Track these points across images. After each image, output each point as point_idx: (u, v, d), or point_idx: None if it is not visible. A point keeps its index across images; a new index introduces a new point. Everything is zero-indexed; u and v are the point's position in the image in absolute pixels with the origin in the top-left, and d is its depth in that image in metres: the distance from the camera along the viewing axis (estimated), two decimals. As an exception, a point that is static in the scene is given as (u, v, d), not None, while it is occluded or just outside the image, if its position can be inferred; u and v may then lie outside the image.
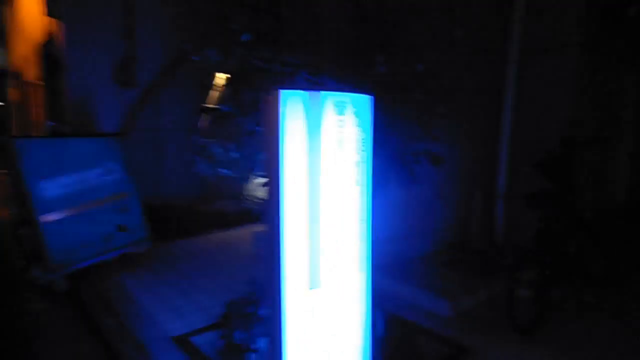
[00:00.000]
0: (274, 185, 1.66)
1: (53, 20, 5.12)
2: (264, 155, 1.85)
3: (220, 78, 3.01)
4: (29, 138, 4.67)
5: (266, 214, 1.72)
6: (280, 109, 1.60)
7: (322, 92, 1.71)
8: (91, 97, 5.21)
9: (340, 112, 1.75)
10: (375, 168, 1.94)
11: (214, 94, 3.21)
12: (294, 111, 1.63)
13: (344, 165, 1.79)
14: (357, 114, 1.79)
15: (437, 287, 3.24)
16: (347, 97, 1.77)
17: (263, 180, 2.08)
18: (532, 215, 3.12)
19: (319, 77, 1.97)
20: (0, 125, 9.10)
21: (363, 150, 1.83)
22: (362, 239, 1.88)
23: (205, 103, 3.07)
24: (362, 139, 1.82)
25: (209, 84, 3.13)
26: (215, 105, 2.68)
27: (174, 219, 5.10)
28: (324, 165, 1.72)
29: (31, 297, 3.53)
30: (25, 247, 3.76)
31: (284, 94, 1.60)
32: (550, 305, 2.91)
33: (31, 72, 7.33)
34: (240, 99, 2.16)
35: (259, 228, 2.99)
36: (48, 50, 5.49)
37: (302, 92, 1.66)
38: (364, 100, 1.82)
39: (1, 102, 9.67)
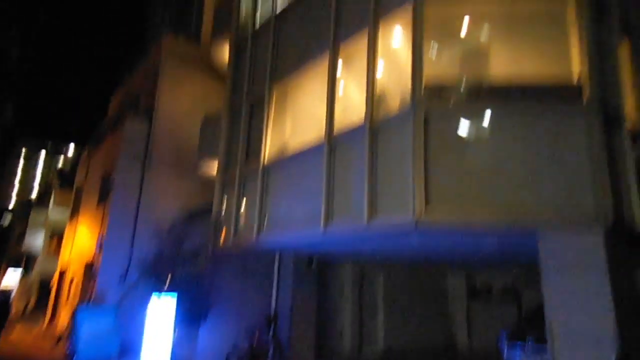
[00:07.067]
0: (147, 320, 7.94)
1: (97, 253, 12.00)
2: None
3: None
4: (81, 309, 10.82)
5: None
6: (152, 300, 8.00)
7: (164, 293, 8.17)
8: (108, 287, 11.64)
9: (171, 299, 8.15)
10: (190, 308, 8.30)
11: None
12: (155, 300, 8.03)
13: (168, 309, 8.08)
14: (172, 296, 8.21)
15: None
16: (171, 293, 8.21)
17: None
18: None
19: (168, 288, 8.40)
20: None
21: (175, 305, 8.17)
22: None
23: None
24: (175, 303, 8.18)
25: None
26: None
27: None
28: (162, 311, 8.03)
29: None
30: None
31: (154, 295, 8.04)
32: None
33: (75, 271, 13.94)
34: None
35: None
36: (90, 267, 12.20)
37: (159, 294, 8.12)
38: (175, 294, 8.26)
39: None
